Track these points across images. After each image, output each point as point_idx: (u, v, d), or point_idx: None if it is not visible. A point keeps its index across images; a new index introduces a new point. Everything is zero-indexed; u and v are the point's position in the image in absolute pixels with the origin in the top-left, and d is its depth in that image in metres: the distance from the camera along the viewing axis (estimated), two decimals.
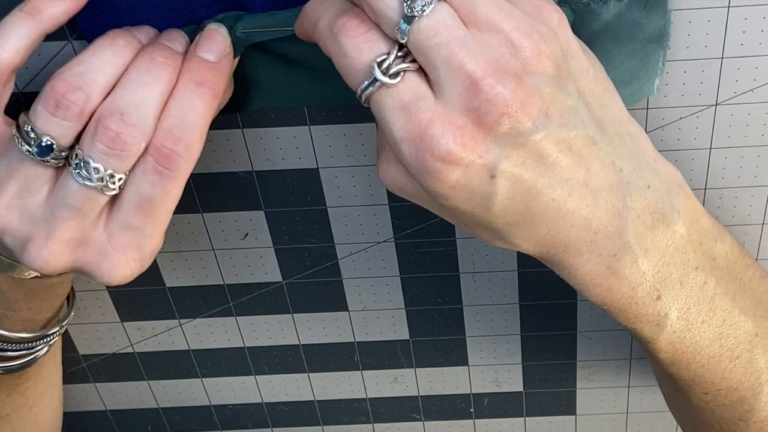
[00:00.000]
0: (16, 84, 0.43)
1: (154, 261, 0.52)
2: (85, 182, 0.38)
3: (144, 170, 0.38)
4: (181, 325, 0.56)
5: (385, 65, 0.35)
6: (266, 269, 0.52)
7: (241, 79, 0.43)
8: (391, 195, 0.49)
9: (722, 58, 0.43)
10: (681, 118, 0.45)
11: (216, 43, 0.39)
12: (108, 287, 0.53)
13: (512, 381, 0.59)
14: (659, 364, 0.43)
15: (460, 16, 0.35)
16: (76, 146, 0.38)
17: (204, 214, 0.50)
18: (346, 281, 0.53)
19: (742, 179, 0.48)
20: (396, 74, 0.35)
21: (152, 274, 0.53)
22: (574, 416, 0.61)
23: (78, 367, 0.58)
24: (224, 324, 0.55)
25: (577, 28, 0.40)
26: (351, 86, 0.36)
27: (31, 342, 0.47)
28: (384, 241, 0.51)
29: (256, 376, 0.59)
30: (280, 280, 0.53)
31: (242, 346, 0.57)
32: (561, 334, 0.56)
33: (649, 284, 0.40)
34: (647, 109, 0.45)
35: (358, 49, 0.36)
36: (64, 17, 0.38)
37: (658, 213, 0.39)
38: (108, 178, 0.38)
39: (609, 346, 0.57)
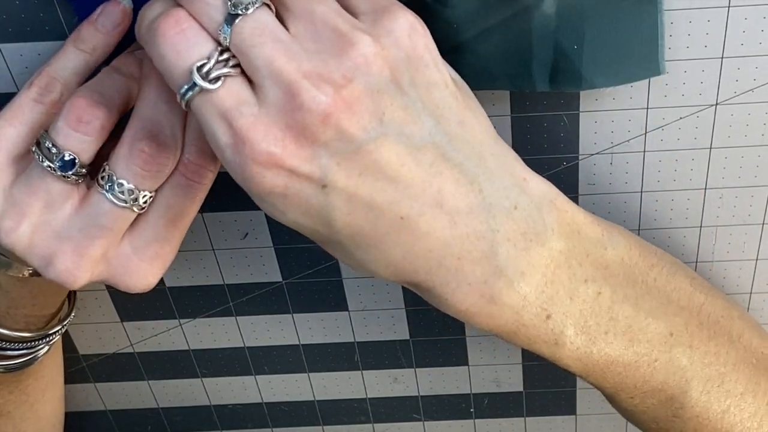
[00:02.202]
0: (15, 83, 0.44)
1: None
2: (117, 202, 0.38)
3: (173, 186, 0.39)
4: (181, 325, 0.56)
5: (205, 69, 0.34)
6: (266, 269, 0.52)
7: None
8: None
9: (722, 58, 0.43)
10: (681, 118, 0.45)
11: None
12: (108, 288, 0.53)
13: (512, 381, 0.59)
14: (577, 376, 0.42)
15: (286, 16, 0.34)
16: (106, 166, 0.38)
17: (204, 214, 0.50)
18: (346, 281, 0.53)
19: (742, 179, 0.48)
20: (216, 79, 0.34)
21: None
22: (574, 416, 0.61)
23: (78, 367, 0.58)
24: (224, 324, 0.55)
25: None
26: (173, 88, 0.35)
27: (32, 341, 0.47)
28: None
29: (256, 376, 0.59)
30: (280, 280, 0.53)
31: (242, 346, 0.57)
32: None
33: (535, 306, 0.38)
34: (647, 109, 0.45)
35: (176, 50, 0.34)
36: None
37: (531, 233, 0.37)
38: (140, 197, 0.38)
39: None
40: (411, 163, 0.35)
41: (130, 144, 0.38)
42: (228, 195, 0.49)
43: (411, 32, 0.35)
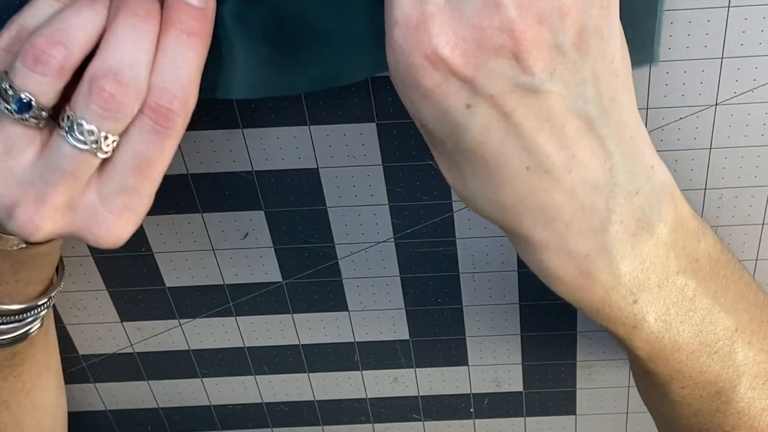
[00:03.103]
0: None
1: (154, 261, 0.52)
2: (78, 145, 0.37)
3: (140, 130, 0.37)
4: (181, 325, 0.56)
5: None
6: (266, 269, 0.52)
7: (219, 64, 0.41)
8: (391, 195, 0.49)
9: (722, 58, 0.43)
10: (681, 118, 0.45)
11: None
12: (108, 288, 0.53)
13: (512, 381, 0.59)
14: (637, 360, 0.43)
15: None
16: (67, 108, 0.37)
17: (204, 214, 0.50)
18: (346, 281, 0.53)
19: (742, 179, 0.48)
20: None
21: (152, 274, 0.53)
22: (574, 416, 0.61)
23: (78, 367, 0.58)
24: (224, 324, 0.55)
25: None
26: None
27: (20, 314, 0.45)
28: (384, 241, 0.51)
29: (256, 376, 0.59)
30: (280, 280, 0.53)
31: (242, 346, 0.57)
32: (561, 334, 0.56)
33: (625, 289, 0.39)
34: (647, 108, 0.45)
35: None
36: None
37: (643, 220, 0.38)
38: (102, 140, 0.37)
39: (609, 346, 0.57)
40: (561, 122, 0.35)
41: (90, 82, 0.36)
42: (228, 195, 0.49)
43: (608, 6, 0.35)
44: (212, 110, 0.46)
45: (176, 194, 0.49)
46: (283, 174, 0.48)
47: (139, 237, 0.51)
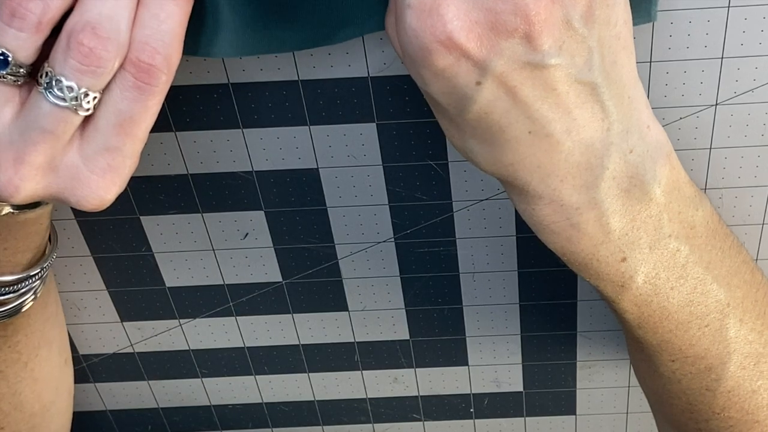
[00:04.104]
0: None
1: (154, 261, 0.52)
2: (58, 102, 0.35)
3: (122, 87, 0.36)
4: (181, 325, 0.56)
5: None
6: (266, 269, 0.52)
7: (204, 20, 0.39)
8: (391, 195, 0.49)
9: (722, 58, 0.43)
10: (681, 118, 0.45)
11: None
12: (108, 288, 0.53)
13: (512, 381, 0.59)
14: (626, 326, 0.43)
15: None
16: (46, 64, 0.36)
17: (204, 214, 0.50)
18: (346, 281, 0.53)
19: (742, 179, 0.48)
20: None
21: (152, 274, 0.53)
22: (574, 416, 0.61)
23: (78, 367, 0.58)
24: (224, 324, 0.55)
25: None
26: None
27: (13, 285, 0.44)
28: (384, 241, 0.51)
29: (256, 376, 0.59)
30: (280, 280, 0.53)
31: (242, 346, 0.57)
32: (561, 334, 0.56)
33: (614, 245, 0.39)
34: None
35: None
36: None
37: (637, 178, 0.38)
38: (82, 96, 0.36)
39: (609, 346, 0.57)
40: (566, 92, 0.36)
41: (68, 36, 0.35)
42: (228, 195, 0.49)
43: None
44: (212, 111, 0.46)
45: (176, 194, 0.49)
46: (283, 174, 0.48)
47: (139, 237, 0.51)
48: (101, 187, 0.38)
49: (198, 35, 0.39)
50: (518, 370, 0.58)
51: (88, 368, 0.58)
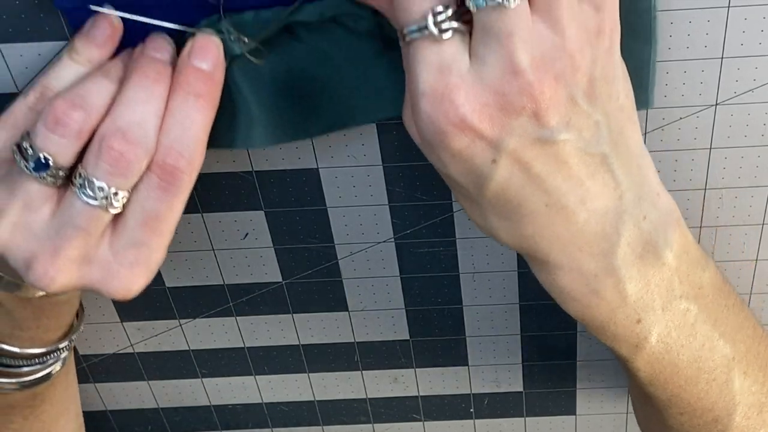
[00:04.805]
0: (15, 84, 0.44)
1: None
2: (90, 201, 0.38)
3: (148, 187, 0.39)
4: (181, 325, 0.56)
5: (440, 17, 0.35)
6: (266, 269, 0.52)
7: (236, 115, 0.43)
8: (391, 195, 0.49)
9: (722, 58, 0.43)
10: (681, 118, 0.45)
11: (209, 52, 0.39)
12: None
13: (512, 381, 0.59)
14: (637, 382, 0.44)
15: (535, 0, 0.35)
16: (79, 166, 0.38)
17: (204, 214, 0.50)
18: (346, 281, 0.53)
19: (742, 179, 0.48)
20: (446, 30, 0.35)
21: None
22: (574, 416, 0.61)
23: (78, 368, 0.58)
24: (224, 324, 0.55)
25: None
26: (398, 23, 0.37)
27: (42, 357, 0.48)
28: (384, 241, 0.51)
29: (256, 376, 0.59)
30: (280, 280, 0.53)
31: (242, 346, 0.57)
32: (561, 334, 0.56)
33: (630, 308, 0.40)
34: (647, 109, 0.45)
35: None
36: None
37: (650, 244, 0.40)
38: (112, 196, 0.38)
39: None
40: (577, 164, 0.37)
41: (100, 140, 0.38)
42: (228, 195, 0.49)
43: (612, 48, 0.38)
44: None
45: None
46: (283, 174, 0.48)
47: None
48: (129, 279, 0.41)
49: (233, 132, 0.43)
50: (518, 370, 0.58)
51: (88, 368, 0.58)
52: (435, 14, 0.35)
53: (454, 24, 0.35)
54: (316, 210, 0.49)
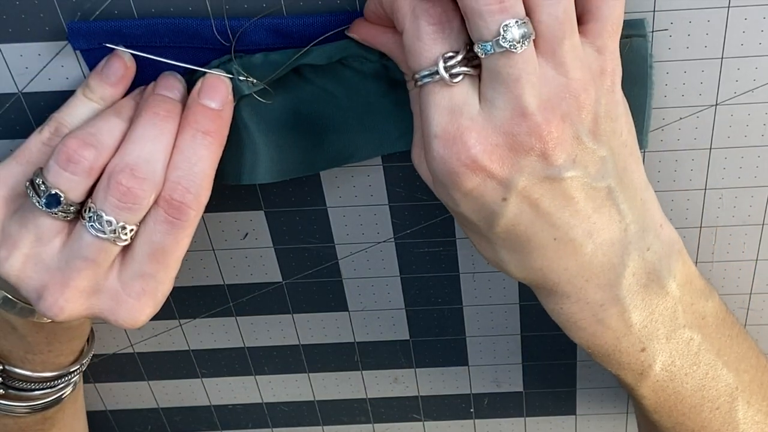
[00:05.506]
0: (15, 84, 0.44)
1: None
2: (98, 234, 0.39)
3: (155, 221, 0.40)
4: (181, 325, 0.56)
5: (450, 63, 0.37)
6: (266, 269, 0.52)
7: (242, 152, 0.44)
8: (391, 195, 0.49)
9: (722, 58, 0.43)
10: (681, 118, 0.45)
11: (219, 91, 0.40)
12: None
13: (512, 381, 0.59)
14: (643, 410, 0.45)
15: (540, 44, 0.36)
16: (89, 200, 0.39)
17: (204, 214, 0.50)
18: (346, 281, 0.53)
19: (742, 179, 0.48)
20: (456, 74, 0.37)
21: None
22: (574, 416, 0.61)
23: None
24: (224, 324, 0.55)
25: None
26: (409, 67, 0.38)
27: (54, 380, 0.49)
28: (384, 241, 0.51)
29: (256, 376, 0.59)
30: (280, 280, 0.53)
31: (242, 346, 0.57)
32: (561, 334, 0.56)
33: (635, 337, 0.41)
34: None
35: (432, 37, 0.37)
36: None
37: (654, 274, 0.41)
38: (120, 229, 0.39)
39: None
40: (584, 199, 0.39)
41: (109, 176, 0.39)
42: (228, 195, 0.49)
43: (614, 86, 0.38)
44: None
45: None
46: None
47: None
48: (136, 309, 0.42)
49: (240, 167, 0.44)
50: (518, 370, 0.58)
51: (88, 368, 0.58)
52: (445, 60, 0.36)
53: (464, 69, 0.37)
54: (316, 210, 0.49)
